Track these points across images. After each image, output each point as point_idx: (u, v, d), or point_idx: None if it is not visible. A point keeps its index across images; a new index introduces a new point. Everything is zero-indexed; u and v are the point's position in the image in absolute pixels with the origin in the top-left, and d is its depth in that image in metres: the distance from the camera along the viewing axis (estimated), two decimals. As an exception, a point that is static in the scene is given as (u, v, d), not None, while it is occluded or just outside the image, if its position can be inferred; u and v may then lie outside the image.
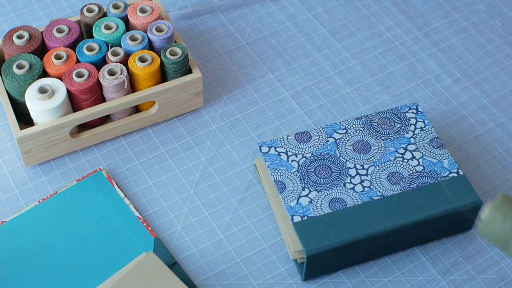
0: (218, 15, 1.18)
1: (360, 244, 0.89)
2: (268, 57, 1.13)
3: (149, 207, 0.98)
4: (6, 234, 0.94)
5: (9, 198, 0.98)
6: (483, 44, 1.15)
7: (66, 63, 1.00)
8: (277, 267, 0.93)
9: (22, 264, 0.92)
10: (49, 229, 0.94)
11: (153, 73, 1.00)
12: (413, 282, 0.92)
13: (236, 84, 1.10)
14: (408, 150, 0.95)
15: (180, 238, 0.95)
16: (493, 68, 1.12)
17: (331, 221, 0.89)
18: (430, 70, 1.12)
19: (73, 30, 1.04)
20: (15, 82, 0.98)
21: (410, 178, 0.92)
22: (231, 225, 0.96)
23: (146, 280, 0.86)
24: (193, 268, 0.93)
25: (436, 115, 1.06)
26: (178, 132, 1.05)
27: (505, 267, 0.93)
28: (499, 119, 1.06)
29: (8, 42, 1.02)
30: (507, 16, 1.19)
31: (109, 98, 1.00)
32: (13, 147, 1.03)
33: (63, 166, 1.01)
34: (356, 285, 0.92)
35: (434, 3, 1.20)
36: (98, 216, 0.96)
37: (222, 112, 1.07)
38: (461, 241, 0.95)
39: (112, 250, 0.93)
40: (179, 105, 1.05)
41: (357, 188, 0.92)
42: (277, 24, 1.17)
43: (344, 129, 0.97)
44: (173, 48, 1.02)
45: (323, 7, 1.20)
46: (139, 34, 1.03)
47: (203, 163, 1.02)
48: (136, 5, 1.06)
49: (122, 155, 1.03)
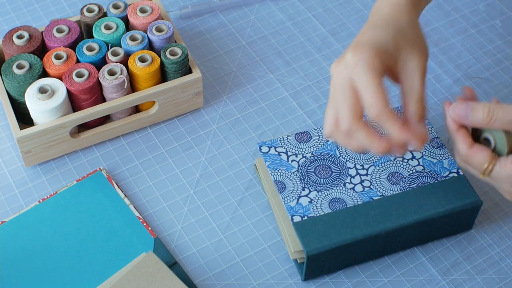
0: (218, 15, 1.18)
1: (360, 244, 0.89)
2: (268, 57, 1.13)
3: (149, 207, 0.98)
4: (6, 234, 0.94)
5: (9, 198, 0.98)
6: (483, 44, 1.15)
7: (66, 63, 1.00)
8: (277, 267, 0.93)
9: (22, 264, 0.92)
10: (49, 229, 0.94)
11: (153, 73, 1.00)
12: (413, 282, 0.92)
13: (236, 84, 1.10)
14: (408, 150, 0.95)
15: (180, 238, 0.95)
16: (493, 68, 1.12)
17: (331, 221, 0.89)
18: (430, 70, 1.12)
19: (73, 30, 1.04)
20: (15, 82, 0.98)
21: (410, 178, 0.92)
22: (231, 225, 0.96)
23: (146, 280, 0.86)
24: (193, 268, 0.93)
25: (436, 115, 1.06)
26: (178, 132, 1.05)
27: (505, 267, 0.93)
28: (499, 119, 1.06)
29: (8, 42, 1.02)
30: (507, 16, 1.19)
31: (109, 98, 1.00)
32: (13, 147, 1.03)
33: (63, 166, 1.01)
34: (356, 285, 0.92)
35: (434, 3, 1.20)
36: (98, 216, 0.96)
37: (222, 112, 1.07)
38: (461, 241, 0.95)
39: (112, 250, 0.93)
40: (179, 105, 1.05)
41: (357, 188, 0.92)
42: (277, 24, 1.17)
43: (344, 129, 0.97)
44: (173, 48, 1.02)
45: (323, 7, 1.20)
46: (139, 34, 1.03)
47: (203, 163, 1.02)
48: (136, 5, 1.06)
49: (122, 155, 1.03)
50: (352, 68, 0.79)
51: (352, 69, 0.79)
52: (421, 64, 0.82)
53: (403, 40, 0.82)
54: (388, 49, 0.81)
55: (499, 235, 0.96)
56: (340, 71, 0.81)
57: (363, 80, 0.79)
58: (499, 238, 0.95)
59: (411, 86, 0.82)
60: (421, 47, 0.83)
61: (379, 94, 0.78)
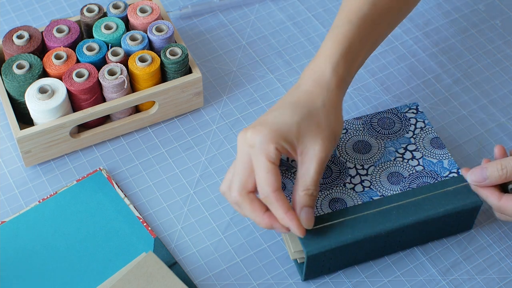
0: (218, 15, 1.18)
1: (360, 244, 0.89)
2: (268, 57, 1.13)
3: (149, 207, 0.98)
4: (6, 234, 0.94)
5: (9, 198, 0.98)
6: (483, 44, 1.15)
7: (66, 63, 1.00)
8: (277, 267, 0.93)
9: (22, 264, 0.92)
10: (49, 229, 0.94)
11: (153, 73, 1.00)
12: (413, 282, 0.92)
13: (236, 84, 1.10)
14: (408, 150, 0.95)
15: (180, 238, 0.95)
16: (493, 68, 1.12)
17: (331, 221, 0.89)
18: (430, 70, 1.12)
19: (73, 30, 1.04)
20: (15, 82, 0.98)
21: (410, 178, 0.92)
22: (231, 225, 0.96)
23: (146, 280, 0.86)
24: (193, 268, 0.93)
25: (436, 115, 1.06)
26: (178, 132, 1.05)
27: (505, 267, 0.93)
28: (499, 119, 1.07)
29: (8, 42, 1.02)
30: (507, 16, 1.19)
31: (109, 98, 1.00)
32: (13, 147, 1.03)
33: (63, 166, 1.01)
34: (356, 285, 0.92)
35: (434, 3, 1.20)
36: (98, 216, 0.96)
37: (222, 112, 1.07)
38: (461, 241, 0.95)
39: (112, 250, 0.93)
40: (179, 105, 1.05)
41: (357, 188, 0.92)
42: (277, 24, 1.17)
43: (344, 129, 0.97)
44: (173, 48, 1.02)
45: (323, 7, 1.20)
46: (139, 34, 1.03)
47: (203, 163, 1.02)
48: (136, 5, 1.06)
49: (122, 155, 1.03)
50: (250, 147, 0.83)
51: (250, 148, 0.83)
52: (321, 153, 0.84)
53: (308, 127, 0.85)
54: (289, 134, 0.84)
55: (499, 235, 0.96)
56: (242, 143, 0.85)
57: (256, 162, 0.83)
58: (499, 238, 0.95)
59: (304, 173, 0.85)
60: (328, 133, 0.85)
61: (268, 179, 0.82)
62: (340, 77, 0.88)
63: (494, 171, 0.86)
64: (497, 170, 0.86)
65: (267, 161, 0.83)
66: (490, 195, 0.88)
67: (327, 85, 0.87)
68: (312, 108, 0.86)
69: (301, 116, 0.85)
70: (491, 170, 0.86)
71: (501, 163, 0.86)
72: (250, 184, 0.84)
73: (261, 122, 0.85)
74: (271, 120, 0.85)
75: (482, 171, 0.87)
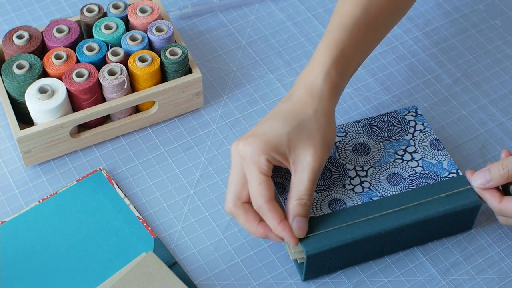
0: (218, 15, 1.18)
1: (360, 244, 0.89)
2: (268, 57, 1.13)
3: (149, 207, 0.98)
4: (6, 234, 0.94)
5: (9, 198, 0.98)
6: (483, 44, 1.15)
7: (66, 63, 1.00)
8: (277, 267, 0.93)
9: (22, 264, 0.92)
10: (49, 229, 0.94)
11: (153, 73, 1.00)
12: (413, 282, 0.92)
13: (236, 84, 1.10)
14: (408, 152, 0.95)
15: (180, 238, 0.95)
16: (493, 68, 1.12)
17: (331, 221, 0.89)
18: (430, 70, 1.12)
19: (73, 30, 1.04)
20: (15, 82, 0.98)
21: (409, 179, 0.92)
22: (231, 225, 0.96)
23: (146, 280, 0.86)
24: (193, 268, 0.93)
25: (436, 115, 1.06)
26: (178, 132, 1.05)
27: (505, 267, 0.93)
28: (499, 119, 1.07)
29: (8, 42, 1.02)
30: (507, 16, 1.19)
31: (109, 98, 1.00)
32: (13, 147, 1.03)
33: (63, 166, 1.01)
34: (356, 285, 0.92)
35: (434, 3, 1.20)
36: (98, 216, 0.96)
37: (222, 112, 1.07)
38: (461, 241, 0.95)
39: (112, 250, 0.93)
40: (179, 105, 1.05)
41: (356, 189, 0.92)
42: (277, 24, 1.17)
43: (344, 132, 0.97)
44: (173, 48, 1.02)
45: (323, 7, 1.20)
46: (139, 34, 1.03)
47: (203, 163, 1.02)
48: (136, 5, 1.06)
49: (122, 155, 1.03)
50: (242, 159, 0.84)
51: (242, 160, 0.84)
52: (313, 162, 0.85)
53: (299, 136, 0.85)
54: (280, 145, 0.84)
55: (499, 235, 0.96)
56: (235, 154, 0.85)
57: (248, 173, 0.84)
58: (499, 238, 0.95)
59: (297, 183, 0.85)
60: (320, 141, 0.86)
61: (260, 190, 0.84)
62: (333, 84, 0.88)
63: (496, 171, 0.87)
64: (498, 170, 0.87)
65: (259, 173, 0.83)
66: (491, 197, 0.88)
67: (319, 93, 0.87)
68: (303, 117, 0.86)
69: (291, 126, 0.85)
70: (493, 171, 0.87)
71: (502, 163, 0.87)
72: (244, 195, 0.85)
73: (252, 134, 0.85)
74: (262, 131, 0.85)
75: (485, 173, 0.88)
